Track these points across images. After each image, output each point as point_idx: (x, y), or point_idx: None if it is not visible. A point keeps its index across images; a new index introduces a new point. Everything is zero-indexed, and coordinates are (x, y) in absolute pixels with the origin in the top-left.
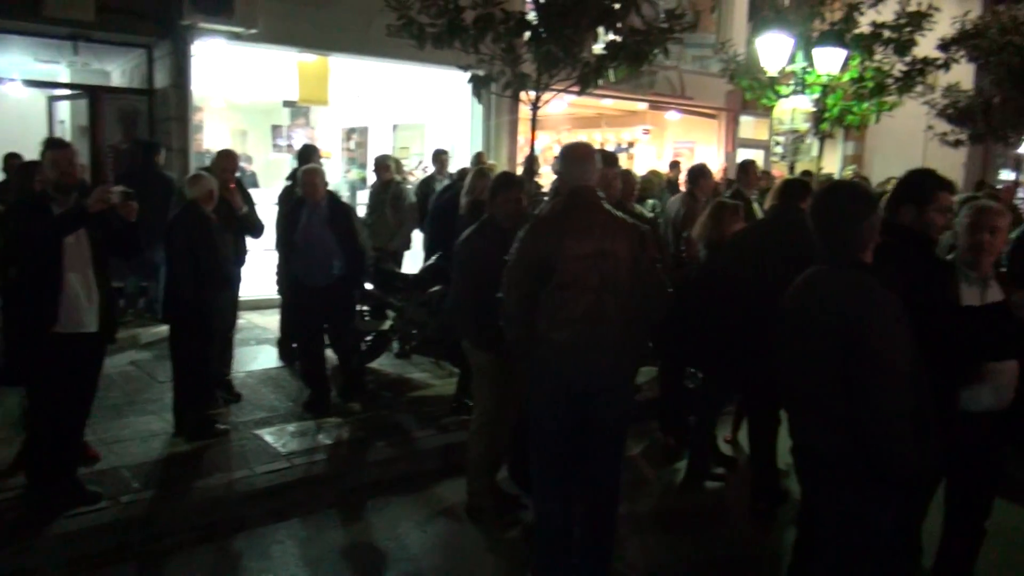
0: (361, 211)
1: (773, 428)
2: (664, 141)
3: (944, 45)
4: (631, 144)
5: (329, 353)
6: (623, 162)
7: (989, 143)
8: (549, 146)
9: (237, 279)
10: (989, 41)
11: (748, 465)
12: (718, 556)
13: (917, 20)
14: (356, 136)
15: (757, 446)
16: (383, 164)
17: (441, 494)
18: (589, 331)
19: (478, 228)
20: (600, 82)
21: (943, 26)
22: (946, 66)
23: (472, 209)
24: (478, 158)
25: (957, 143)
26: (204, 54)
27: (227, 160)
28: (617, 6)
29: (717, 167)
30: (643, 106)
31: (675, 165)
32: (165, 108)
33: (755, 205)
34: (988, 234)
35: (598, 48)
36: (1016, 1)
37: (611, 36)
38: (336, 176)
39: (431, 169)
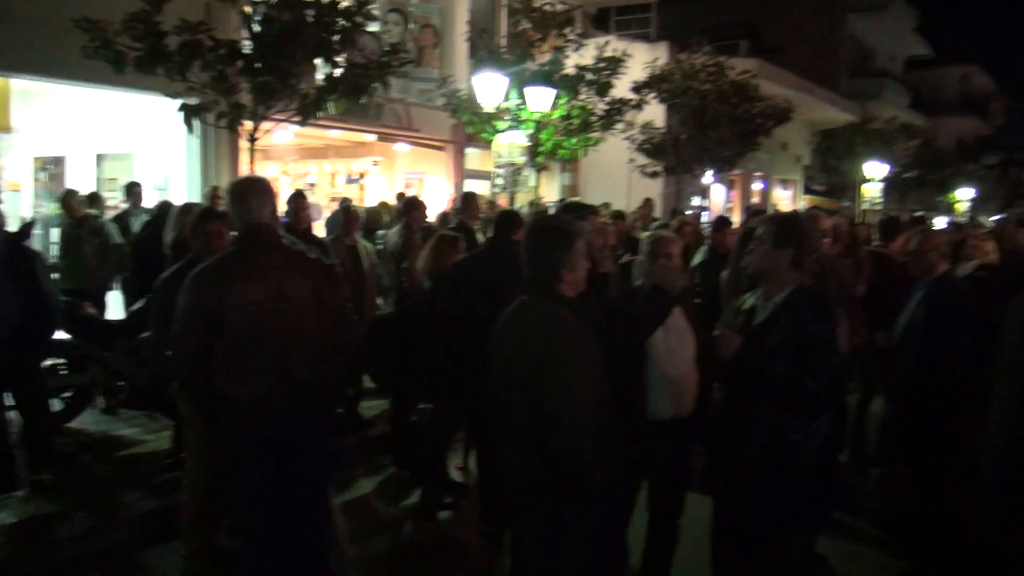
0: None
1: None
2: (395, 172)
3: (637, 88)
4: (362, 175)
5: (14, 416)
6: (354, 193)
7: (680, 174)
8: (276, 177)
9: None
10: (674, 85)
11: (478, 490)
12: None
13: (613, 64)
14: (51, 167)
15: (485, 471)
16: (68, 200)
17: (152, 564)
18: (275, 382)
19: (182, 267)
20: (321, 113)
21: (636, 71)
22: (639, 106)
23: (176, 246)
24: (213, 191)
25: (654, 174)
26: None
27: None
28: (335, 39)
29: (447, 198)
30: (372, 137)
31: (403, 196)
32: None
33: (479, 235)
34: (665, 260)
35: (320, 79)
36: (694, 52)
37: (330, 68)
38: (27, 211)
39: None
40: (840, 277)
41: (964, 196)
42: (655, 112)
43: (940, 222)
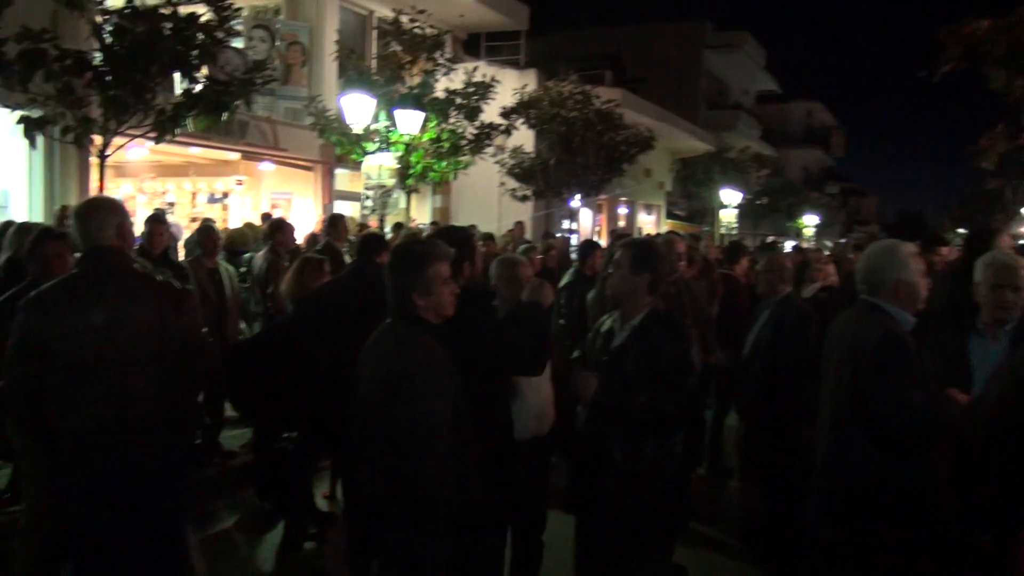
0: None
1: None
2: (260, 192)
3: (506, 113)
4: (225, 194)
5: None
6: (216, 213)
7: (549, 198)
8: (132, 195)
9: None
10: (542, 111)
11: (345, 519)
12: None
13: (483, 89)
14: None
15: (352, 499)
16: None
17: None
18: (112, 413)
19: (18, 292)
20: (180, 130)
21: (506, 96)
22: (508, 131)
23: (10, 268)
24: (62, 212)
25: (524, 198)
26: None
27: None
28: (194, 53)
29: (316, 219)
30: (236, 155)
31: (268, 217)
32: None
33: (347, 258)
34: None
35: (179, 94)
36: (562, 80)
37: (189, 84)
38: None
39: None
40: (695, 298)
41: (810, 222)
42: (525, 137)
43: (790, 246)
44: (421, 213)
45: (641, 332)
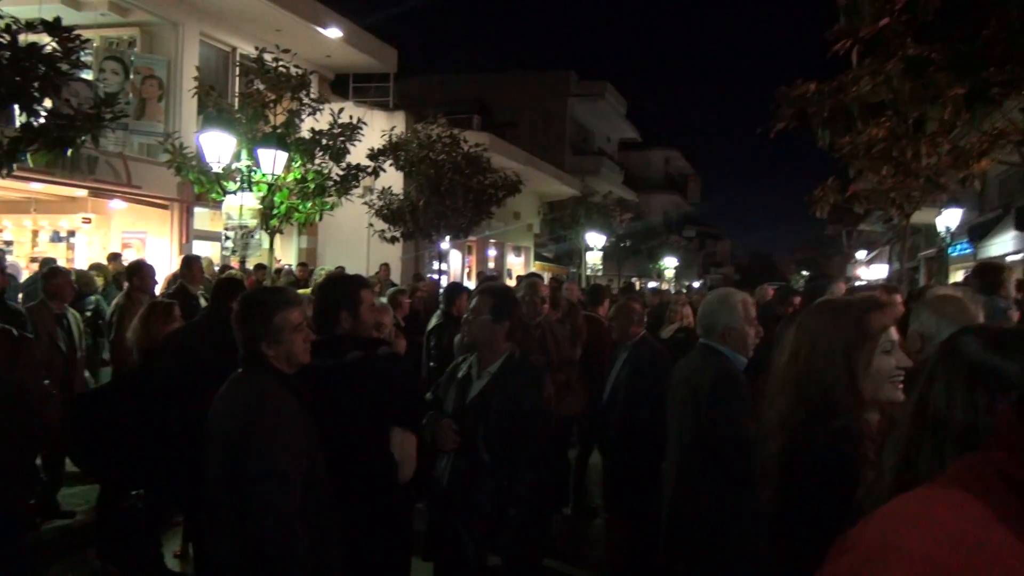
0: None
1: None
2: (110, 231)
3: (373, 155)
4: (71, 233)
5: None
6: (61, 253)
7: (418, 240)
8: None
9: None
10: (411, 153)
11: None
12: None
13: (349, 131)
14: None
15: (206, 559)
16: None
17: None
18: None
19: None
20: (17, 165)
21: (374, 138)
22: (376, 173)
23: None
24: None
25: (393, 239)
26: None
27: None
28: (36, 85)
29: (176, 259)
30: (83, 192)
31: (116, 257)
32: None
33: (204, 301)
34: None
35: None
36: (430, 122)
37: (29, 117)
38: None
39: None
40: (558, 341)
41: (670, 264)
42: (394, 179)
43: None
44: (287, 254)
45: (501, 379)
